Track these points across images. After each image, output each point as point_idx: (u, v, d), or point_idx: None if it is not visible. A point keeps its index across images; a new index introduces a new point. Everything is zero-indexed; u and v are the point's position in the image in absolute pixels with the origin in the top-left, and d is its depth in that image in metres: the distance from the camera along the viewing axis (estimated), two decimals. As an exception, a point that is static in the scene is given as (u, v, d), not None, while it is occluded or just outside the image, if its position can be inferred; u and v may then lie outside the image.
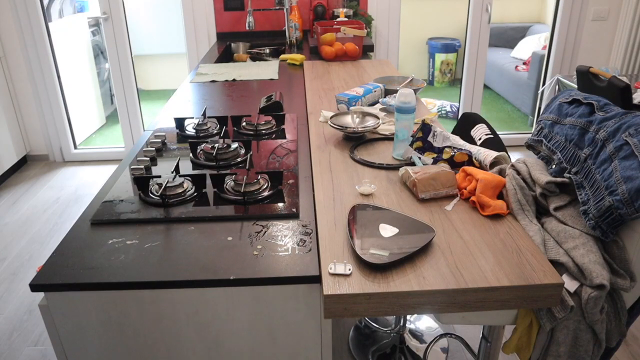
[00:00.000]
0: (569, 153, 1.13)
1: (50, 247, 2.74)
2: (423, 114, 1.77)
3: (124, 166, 1.41)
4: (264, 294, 0.96)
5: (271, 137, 1.61)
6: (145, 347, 1.01)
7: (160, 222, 1.12)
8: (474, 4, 3.50)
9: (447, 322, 1.07)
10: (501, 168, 1.24)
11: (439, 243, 1.02)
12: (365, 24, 3.02)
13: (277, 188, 1.24)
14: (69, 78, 3.94)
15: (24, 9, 3.40)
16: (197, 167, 1.40)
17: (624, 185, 0.95)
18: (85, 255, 1.01)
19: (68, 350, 1.01)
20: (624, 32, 3.46)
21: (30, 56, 3.51)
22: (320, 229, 1.07)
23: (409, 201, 1.18)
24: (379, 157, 1.44)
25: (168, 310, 0.98)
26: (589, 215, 1.02)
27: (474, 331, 2.04)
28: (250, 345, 1.02)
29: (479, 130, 1.58)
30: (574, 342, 1.00)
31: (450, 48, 5.47)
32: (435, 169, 1.21)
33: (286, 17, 3.09)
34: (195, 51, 3.56)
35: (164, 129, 1.70)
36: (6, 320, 2.19)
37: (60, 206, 3.18)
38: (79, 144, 3.99)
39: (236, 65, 2.70)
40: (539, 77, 4.20)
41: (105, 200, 1.21)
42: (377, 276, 0.92)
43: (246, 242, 1.04)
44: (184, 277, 0.94)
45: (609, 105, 1.12)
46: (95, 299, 0.96)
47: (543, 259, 0.96)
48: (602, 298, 0.95)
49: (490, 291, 0.90)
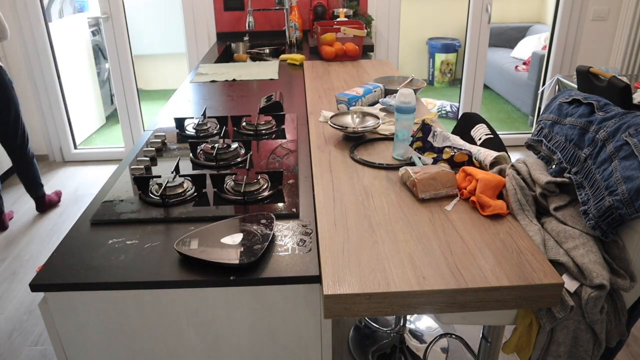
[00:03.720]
0: (569, 153, 1.13)
1: (50, 247, 2.74)
2: (423, 114, 1.77)
3: (124, 166, 1.41)
4: (264, 294, 0.96)
5: (271, 137, 1.61)
6: (145, 347, 1.01)
7: (160, 222, 1.12)
8: (474, 4, 3.50)
9: (447, 322, 1.07)
10: (501, 168, 1.24)
11: (439, 243, 1.02)
12: (365, 24, 3.02)
13: (277, 188, 1.24)
14: (69, 78, 3.94)
15: (24, 9, 3.40)
16: (197, 167, 1.40)
17: (624, 185, 0.95)
18: (85, 255, 1.01)
19: (68, 350, 1.01)
20: (624, 32, 3.46)
21: (30, 56, 3.51)
22: (320, 229, 1.07)
23: (409, 201, 1.18)
24: (379, 157, 1.44)
25: (168, 310, 0.98)
26: (589, 215, 1.02)
27: (474, 331, 2.04)
28: (250, 345, 1.02)
29: (479, 130, 1.58)
30: (574, 342, 1.00)
31: (450, 48, 5.47)
32: (435, 169, 1.21)
33: (286, 17, 3.09)
34: (195, 51, 3.56)
35: (164, 129, 1.70)
36: (6, 320, 2.19)
37: (60, 206, 3.18)
38: (79, 144, 3.99)
39: (236, 65, 2.71)
40: (539, 77, 4.20)
41: (105, 200, 1.21)
42: (377, 276, 0.92)
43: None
44: (184, 277, 0.94)
45: (609, 105, 1.12)
46: (95, 299, 0.96)
47: (543, 259, 0.97)
48: (602, 298, 0.95)
49: (490, 291, 0.90)
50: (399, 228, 1.07)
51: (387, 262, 0.96)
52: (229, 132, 1.66)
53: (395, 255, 0.98)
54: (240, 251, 0.97)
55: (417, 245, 1.01)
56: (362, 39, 2.71)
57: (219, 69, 2.59)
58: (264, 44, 3.28)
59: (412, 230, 1.06)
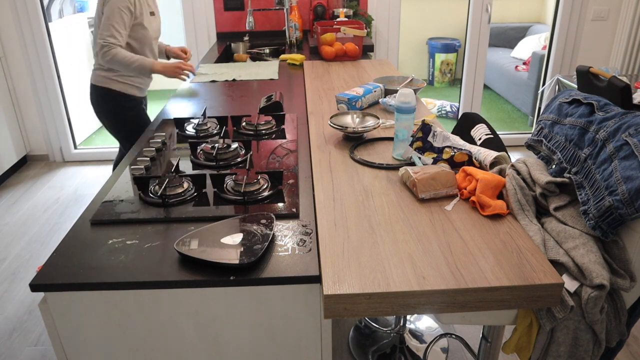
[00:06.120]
0: (569, 153, 1.13)
1: (50, 247, 2.74)
2: (423, 114, 1.77)
3: (124, 166, 1.41)
4: (264, 294, 0.96)
5: (271, 137, 1.61)
6: (145, 347, 1.01)
7: (160, 222, 1.12)
8: (474, 4, 3.50)
9: (447, 322, 1.07)
10: (501, 168, 1.24)
11: (439, 243, 1.02)
12: (365, 24, 3.02)
13: (277, 188, 1.24)
14: (69, 78, 3.94)
15: (24, 9, 3.40)
16: (197, 167, 1.40)
17: (623, 185, 0.95)
18: (85, 255, 1.01)
19: (68, 350, 1.01)
20: (624, 32, 3.46)
21: (30, 56, 3.51)
22: (320, 229, 1.07)
23: (409, 201, 1.18)
24: (379, 157, 1.44)
25: (168, 310, 0.98)
26: (589, 215, 1.02)
27: (474, 331, 2.04)
28: (250, 345, 1.02)
29: (479, 130, 1.58)
30: (574, 342, 1.00)
31: (450, 48, 5.47)
32: (435, 169, 1.21)
33: (286, 17, 3.09)
34: (195, 51, 3.56)
35: (164, 129, 1.70)
36: (6, 320, 2.19)
37: (60, 206, 3.18)
38: (79, 144, 3.98)
39: (236, 65, 2.71)
40: (539, 77, 4.20)
41: (105, 200, 1.21)
42: (377, 276, 0.92)
43: (246, 242, 1.04)
44: (184, 277, 0.94)
45: (609, 105, 1.12)
46: (95, 299, 0.96)
47: (543, 259, 0.96)
48: (602, 298, 0.95)
49: (490, 291, 0.90)
50: (399, 228, 1.07)
51: (387, 262, 0.96)
52: (229, 132, 1.66)
53: (395, 255, 0.98)
54: (240, 251, 0.97)
55: (417, 245, 1.01)
56: (362, 39, 2.71)
57: (219, 69, 2.59)
58: (264, 44, 3.28)
59: (412, 230, 1.06)
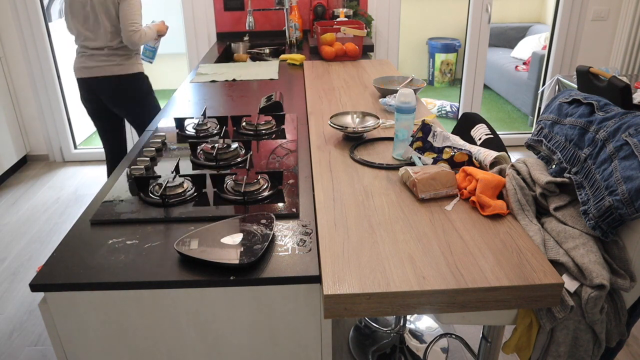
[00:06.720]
0: (569, 153, 1.13)
1: (50, 247, 2.74)
2: (423, 114, 1.77)
3: (124, 166, 1.41)
4: (264, 294, 0.96)
5: (271, 137, 1.61)
6: (145, 347, 1.01)
7: (160, 222, 1.12)
8: (474, 4, 3.50)
9: (447, 322, 1.07)
10: (501, 168, 1.24)
11: (439, 243, 1.02)
12: (365, 24, 3.02)
13: (277, 188, 1.24)
14: (69, 78, 3.94)
15: (24, 9, 3.40)
16: (197, 167, 1.40)
17: (624, 185, 0.95)
18: (85, 255, 1.01)
19: (68, 350, 1.01)
20: (624, 32, 3.46)
21: (30, 56, 3.51)
22: (320, 229, 1.07)
23: (409, 201, 1.18)
24: (379, 157, 1.44)
25: (168, 310, 0.98)
26: (589, 215, 1.02)
27: (474, 331, 2.04)
28: (250, 346, 1.02)
29: (479, 130, 1.58)
30: (574, 342, 1.00)
31: (450, 48, 5.47)
32: (435, 169, 1.21)
33: (286, 17, 3.09)
34: (195, 51, 3.56)
35: (164, 129, 1.70)
36: (6, 320, 2.19)
37: (60, 206, 3.18)
38: (79, 144, 3.99)
39: (236, 65, 2.71)
40: (539, 77, 4.20)
41: (105, 201, 1.21)
42: (377, 276, 0.92)
43: (246, 242, 1.04)
44: (184, 277, 0.94)
45: (609, 105, 1.12)
46: (95, 298, 0.96)
47: (543, 259, 0.96)
48: (602, 298, 0.95)
49: (490, 291, 0.90)
50: (399, 228, 1.07)
51: (387, 262, 0.96)
52: (229, 132, 1.66)
53: (395, 255, 0.98)
54: (240, 251, 0.97)
55: (417, 245, 1.01)
56: (362, 39, 2.71)
57: (219, 69, 2.59)
58: (264, 44, 3.28)
59: (412, 230, 1.06)
